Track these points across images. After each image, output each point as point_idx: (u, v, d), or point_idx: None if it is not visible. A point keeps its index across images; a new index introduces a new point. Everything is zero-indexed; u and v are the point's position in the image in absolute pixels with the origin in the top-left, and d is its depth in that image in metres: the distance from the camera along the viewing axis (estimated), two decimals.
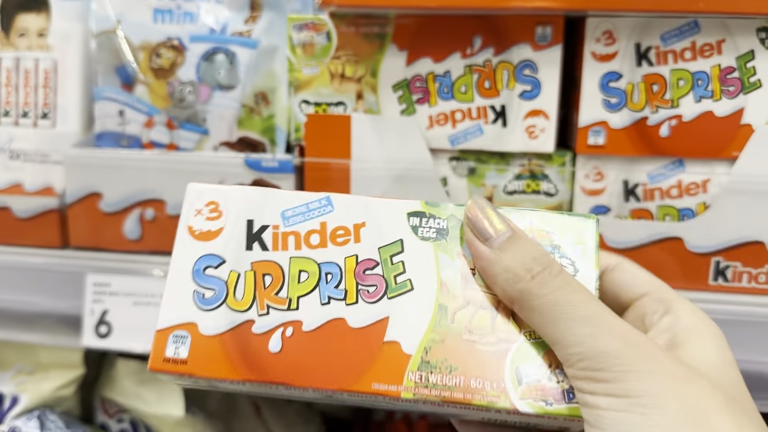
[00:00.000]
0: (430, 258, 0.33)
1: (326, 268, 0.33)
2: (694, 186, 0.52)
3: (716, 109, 0.50)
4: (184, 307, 0.34)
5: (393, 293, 0.33)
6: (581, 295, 0.29)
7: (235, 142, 0.58)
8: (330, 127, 0.55)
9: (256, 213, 0.34)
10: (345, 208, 0.34)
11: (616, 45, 0.50)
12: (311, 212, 0.34)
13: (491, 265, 0.31)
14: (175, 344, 0.33)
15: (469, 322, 0.32)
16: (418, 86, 0.54)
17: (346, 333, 0.33)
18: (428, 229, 0.34)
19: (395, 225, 0.34)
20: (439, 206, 0.34)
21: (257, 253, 0.34)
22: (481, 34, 0.52)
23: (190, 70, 0.58)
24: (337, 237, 0.34)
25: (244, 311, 0.33)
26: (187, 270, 0.34)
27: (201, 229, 0.35)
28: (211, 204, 0.35)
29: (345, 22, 0.54)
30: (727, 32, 0.50)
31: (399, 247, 0.34)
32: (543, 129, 0.53)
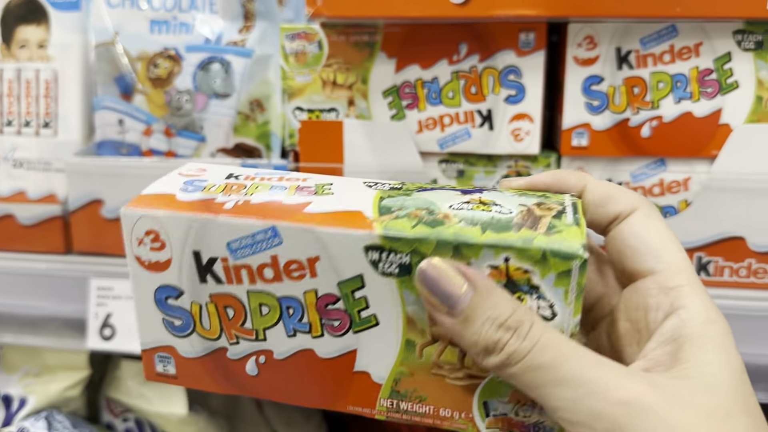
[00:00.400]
0: (394, 294, 0.30)
1: (286, 302, 0.31)
2: (675, 184, 0.54)
3: (695, 109, 0.52)
4: (159, 333, 0.33)
5: (358, 327, 0.31)
6: (554, 354, 0.27)
7: (231, 148, 0.60)
8: (323, 132, 0.57)
9: (201, 244, 0.31)
10: (294, 239, 0.30)
11: (597, 49, 0.52)
12: (258, 244, 0.30)
13: (458, 338, 0.28)
14: (162, 363, 0.34)
15: (438, 357, 0.31)
16: (407, 92, 0.56)
17: (316, 362, 0.32)
18: (389, 264, 0.29)
19: (352, 259, 0.30)
20: (401, 240, 0.29)
21: (213, 286, 0.32)
22: (467, 41, 0.54)
23: (187, 79, 0.60)
24: (292, 271, 0.31)
25: (215, 339, 0.33)
26: (150, 299, 0.32)
27: (150, 259, 0.32)
28: (150, 233, 0.31)
29: (336, 31, 0.55)
30: (704, 35, 0.51)
31: (359, 282, 0.30)
32: (528, 132, 0.54)
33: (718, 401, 0.26)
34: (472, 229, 0.29)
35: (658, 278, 0.30)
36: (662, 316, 0.29)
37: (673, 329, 0.28)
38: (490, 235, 0.28)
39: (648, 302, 0.30)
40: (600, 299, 0.34)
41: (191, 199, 0.31)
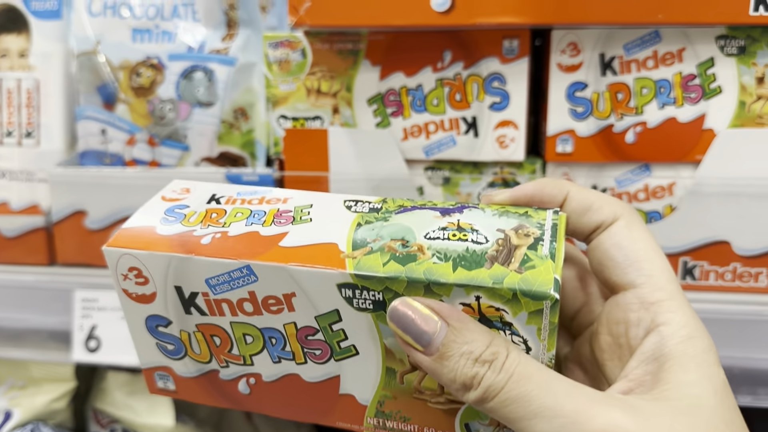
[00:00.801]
0: (371, 327, 0.31)
1: (268, 333, 0.32)
2: (660, 189, 0.54)
3: (679, 115, 0.52)
4: (155, 355, 0.34)
5: (339, 356, 0.32)
6: (527, 387, 0.27)
7: (216, 157, 0.59)
8: (308, 140, 0.56)
9: (181, 280, 0.32)
10: (268, 277, 0.30)
11: (581, 56, 0.52)
12: (235, 281, 0.31)
13: (435, 375, 0.28)
14: (162, 380, 0.35)
15: (418, 383, 0.32)
16: (392, 100, 0.55)
17: (303, 385, 0.33)
18: (363, 300, 0.30)
19: (327, 296, 0.30)
20: (372, 279, 0.29)
21: (197, 317, 0.33)
22: (451, 48, 0.53)
23: (170, 88, 0.59)
24: (270, 306, 0.31)
25: (206, 363, 0.34)
26: (142, 326, 0.34)
27: (136, 292, 0.33)
28: (133, 269, 0.32)
29: (319, 39, 0.55)
30: (687, 41, 0.51)
31: (336, 316, 0.31)
32: (513, 139, 0.54)
33: (698, 424, 0.26)
34: (444, 265, 0.29)
35: (638, 292, 0.29)
36: (643, 332, 0.29)
37: (654, 347, 0.28)
38: (462, 273, 0.28)
39: (629, 317, 0.29)
40: (582, 308, 0.34)
41: (170, 233, 0.32)
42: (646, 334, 0.29)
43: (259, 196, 0.34)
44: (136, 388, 0.66)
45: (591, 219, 0.31)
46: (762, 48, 0.51)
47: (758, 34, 0.51)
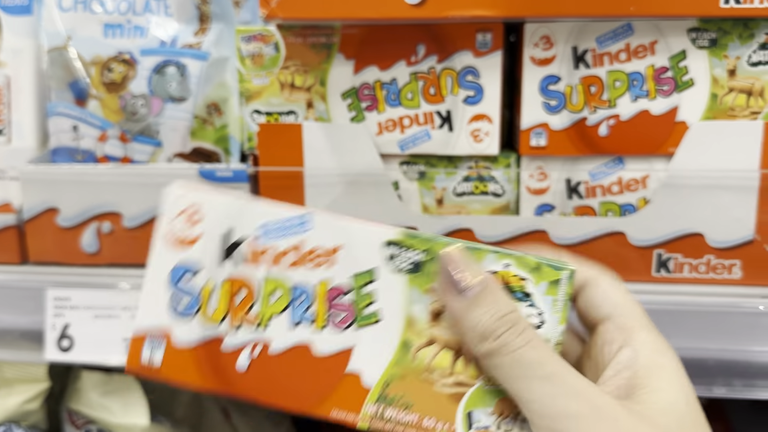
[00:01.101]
0: (402, 291, 0.33)
1: (298, 290, 0.33)
2: (634, 182, 0.54)
3: (652, 107, 0.52)
4: (160, 314, 0.34)
5: (361, 323, 0.33)
6: (542, 354, 0.30)
7: (189, 152, 0.59)
8: (282, 135, 0.56)
9: (235, 223, 0.34)
10: (324, 228, 0.33)
11: (553, 49, 0.52)
12: (290, 228, 0.33)
13: (459, 320, 0.32)
14: (150, 349, 0.34)
15: (430, 361, 0.33)
16: (366, 94, 0.55)
17: (310, 360, 0.33)
18: (403, 260, 0.33)
19: (371, 252, 0.33)
20: (418, 237, 0.33)
21: (233, 267, 0.34)
22: (425, 42, 0.53)
23: (142, 83, 0.59)
24: (312, 258, 0.33)
25: (216, 325, 0.34)
26: (164, 277, 0.34)
27: (179, 234, 0.34)
28: (189, 209, 0.34)
29: (292, 33, 0.55)
30: (659, 33, 0.51)
31: (371, 276, 0.33)
32: (487, 132, 0.54)
33: (673, 422, 0.29)
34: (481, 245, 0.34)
35: (615, 320, 0.34)
36: (617, 348, 0.33)
37: (628, 359, 0.32)
38: (494, 247, 0.33)
39: (605, 338, 0.34)
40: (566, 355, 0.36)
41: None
42: (619, 348, 0.32)
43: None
44: (111, 388, 0.65)
45: (578, 277, 0.36)
46: (733, 40, 0.51)
47: (729, 26, 0.51)
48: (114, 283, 0.58)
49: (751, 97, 0.52)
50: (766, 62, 0.51)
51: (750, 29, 0.51)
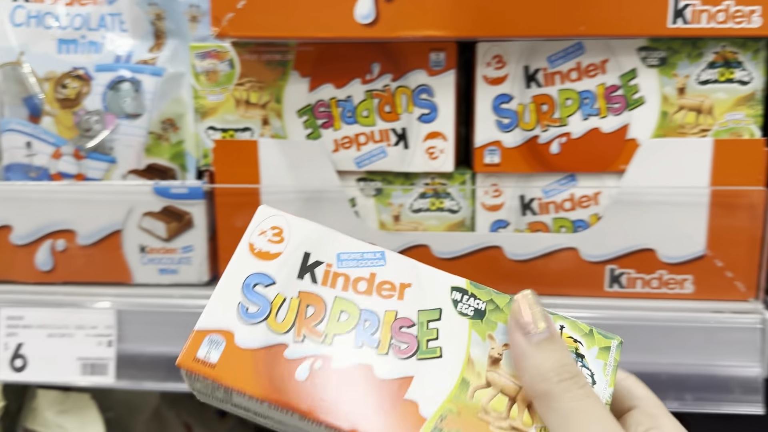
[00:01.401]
0: (464, 333, 0.35)
1: (366, 314, 0.35)
2: (586, 199, 0.55)
3: (603, 125, 0.53)
4: (226, 316, 0.35)
5: (422, 356, 0.34)
6: (598, 410, 0.32)
7: (143, 169, 0.58)
8: (238, 152, 0.56)
9: (315, 248, 0.36)
10: (396, 265, 0.36)
11: (506, 68, 0.53)
12: (364, 261, 0.36)
13: (525, 358, 0.33)
14: (209, 347, 0.34)
15: (487, 402, 0.33)
16: (322, 111, 0.55)
17: (370, 381, 0.34)
18: (467, 306, 0.35)
19: (438, 294, 0.35)
20: (482, 289, 0.36)
21: (306, 284, 0.36)
22: (379, 60, 0.53)
23: (96, 99, 0.58)
24: (383, 290, 0.35)
25: (282, 334, 0.35)
26: (239, 282, 0.36)
27: (261, 248, 0.36)
28: (276, 228, 0.37)
29: (247, 50, 0.55)
30: (610, 52, 0.52)
31: (437, 314, 0.35)
32: (442, 150, 0.55)
33: None
34: None
35: (642, 408, 0.36)
36: (643, 430, 0.34)
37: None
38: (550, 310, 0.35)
39: (631, 421, 0.35)
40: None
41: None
42: (646, 430, 0.34)
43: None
44: (67, 407, 0.64)
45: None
46: (682, 59, 0.52)
47: (678, 45, 0.52)
48: (68, 301, 0.57)
49: (701, 115, 0.53)
50: (715, 81, 0.52)
51: (698, 48, 0.52)
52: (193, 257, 0.58)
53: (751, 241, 0.53)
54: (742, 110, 0.53)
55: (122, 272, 0.59)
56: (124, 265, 0.59)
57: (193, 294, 0.57)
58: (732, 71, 0.52)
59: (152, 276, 0.59)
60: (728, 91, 0.53)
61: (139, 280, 0.59)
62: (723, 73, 0.52)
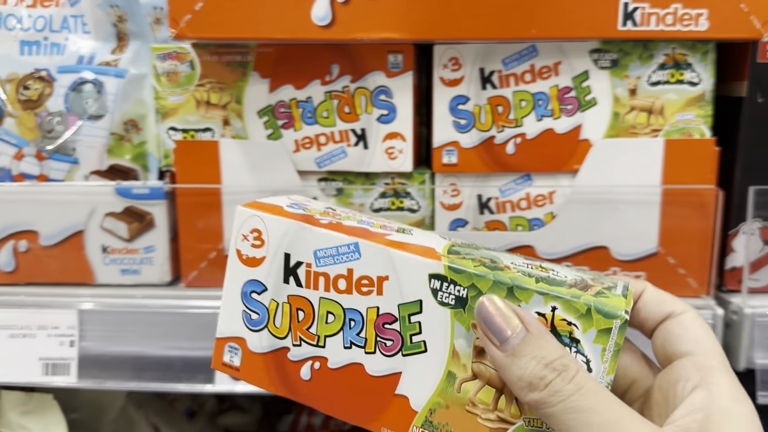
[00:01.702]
0: (446, 324, 0.33)
1: (350, 314, 0.35)
2: (541, 198, 0.56)
3: (556, 126, 0.54)
4: (236, 323, 0.37)
5: (407, 351, 0.34)
6: (596, 400, 0.29)
7: (105, 170, 0.59)
8: (199, 152, 0.56)
9: (293, 247, 0.36)
10: (370, 256, 0.34)
11: (462, 70, 0.54)
12: (340, 256, 0.35)
13: (505, 370, 0.30)
14: (230, 353, 0.38)
15: (474, 395, 0.33)
16: (282, 112, 0.56)
17: (363, 378, 0.35)
18: (447, 294, 0.33)
19: (416, 284, 0.34)
20: (462, 273, 0.33)
21: (293, 288, 0.36)
22: (338, 62, 0.54)
23: (59, 100, 0.58)
24: (362, 286, 0.35)
25: (282, 338, 0.36)
26: (237, 290, 0.37)
27: (247, 254, 0.37)
28: (255, 231, 0.36)
29: (207, 51, 0.55)
30: (563, 55, 0.53)
31: (418, 307, 0.34)
32: (401, 150, 0.56)
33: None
34: (527, 278, 0.32)
35: (693, 358, 0.32)
36: (691, 387, 0.31)
37: (703, 400, 0.30)
38: (543, 285, 0.32)
39: (680, 374, 0.31)
40: (635, 382, 0.36)
41: (294, 211, 0.37)
42: (694, 388, 0.30)
43: (367, 216, 0.40)
44: (30, 408, 0.64)
45: (664, 309, 0.35)
46: (633, 61, 0.54)
47: (629, 47, 0.53)
48: (31, 302, 0.58)
49: (652, 116, 0.54)
50: (666, 82, 0.54)
51: (649, 50, 0.53)
52: (155, 257, 0.58)
53: (703, 238, 0.55)
54: (693, 111, 0.54)
55: (84, 273, 0.59)
56: (87, 266, 0.59)
57: (155, 294, 0.57)
58: (682, 72, 0.54)
59: (114, 276, 0.59)
60: (678, 92, 0.54)
61: (101, 281, 0.59)
62: (673, 75, 0.54)
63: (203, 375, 0.55)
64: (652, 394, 0.34)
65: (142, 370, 0.57)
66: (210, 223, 0.57)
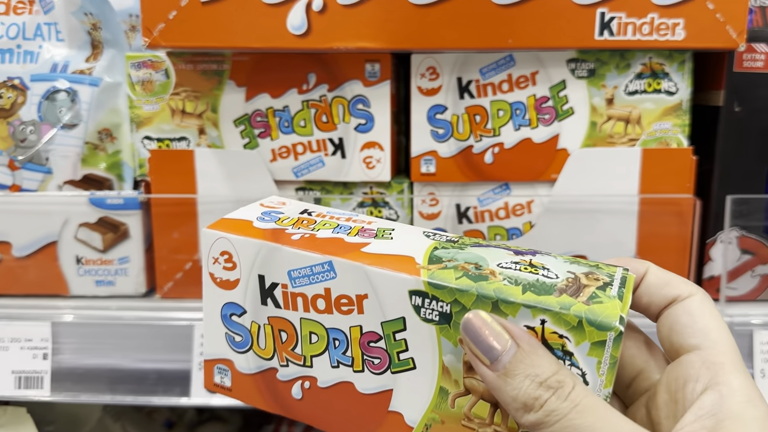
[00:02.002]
0: (433, 340, 0.31)
1: (333, 333, 0.33)
2: (519, 207, 0.56)
3: (534, 135, 0.54)
4: (220, 346, 0.36)
5: (396, 369, 0.33)
6: (592, 417, 0.27)
7: (79, 180, 0.58)
8: (174, 162, 0.56)
9: (266, 269, 0.34)
10: (346, 275, 0.32)
11: (439, 80, 0.53)
12: (315, 276, 0.33)
13: (497, 391, 0.29)
14: (220, 375, 0.37)
15: (469, 409, 0.32)
16: (259, 121, 0.55)
17: (355, 396, 0.34)
18: (431, 311, 0.31)
19: (397, 301, 0.32)
20: (444, 288, 0.30)
21: (271, 309, 0.34)
22: (315, 71, 0.54)
23: (32, 109, 0.57)
24: (342, 305, 0.33)
25: (269, 359, 0.35)
26: (216, 313, 0.36)
27: (221, 277, 0.35)
28: (225, 254, 0.35)
29: (182, 59, 0.55)
30: (540, 64, 0.53)
31: (401, 324, 0.32)
32: (379, 159, 0.55)
33: None
34: (514, 287, 0.30)
35: (702, 353, 0.30)
36: (701, 388, 0.29)
37: (712, 404, 0.28)
38: (530, 296, 0.29)
39: (689, 373, 0.30)
40: (641, 373, 0.35)
41: (265, 227, 0.35)
42: (703, 390, 0.29)
43: (346, 216, 0.37)
44: (3, 421, 0.63)
45: (669, 292, 0.32)
46: (610, 70, 0.54)
47: (606, 57, 0.53)
48: (3, 314, 0.57)
49: (629, 125, 0.54)
50: (643, 91, 0.54)
51: (626, 60, 0.53)
52: (130, 268, 0.57)
53: (681, 247, 0.55)
54: (670, 120, 0.54)
55: (58, 284, 0.58)
56: (60, 277, 0.58)
57: (130, 306, 0.57)
58: (659, 82, 0.54)
59: (89, 288, 0.58)
60: (656, 101, 0.54)
61: (75, 292, 0.58)
62: (650, 84, 0.54)
63: (179, 387, 0.55)
64: (659, 393, 0.32)
65: (116, 383, 0.56)
66: (185, 233, 0.56)
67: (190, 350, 0.54)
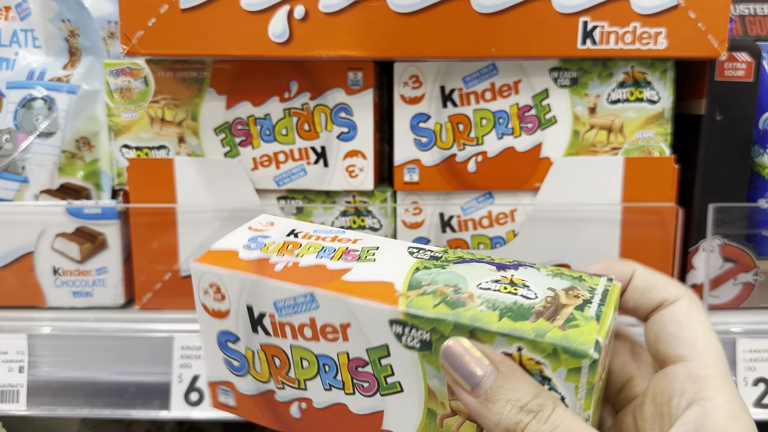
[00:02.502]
0: (416, 366, 0.32)
1: (323, 359, 0.34)
2: (503, 216, 0.55)
3: (517, 144, 0.54)
4: (220, 369, 0.37)
5: (385, 391, 0.33)
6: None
7: (56, 189, 0.57)
8: (153, 171, 0.55)
9: (253, 300, 0.35)
10: (328, 305, 0.33)
11: (422, 88, 0.53)
12: (299, 306, 0.34)
13: (480, 417, 0.29)
14: (224, 395, 0.38)
15: (457, 429, 0.32)
16: (239, 129, 0.55)
17: (349, 416, 0.34)
18: (412, 338, 0.32)
19: (379, 330, 0.32)
20: (422, 318, 0.31)
21: (262, 337, 0.35)
22: (297, 79, 0.53)
23: (8, 117, 0.56)
24: (327, 333, 0.34)
25: (265, 382, 0.36)
26: (213, 340, 0.36)
27: (213, 307, 0.36)
28: (213, 286, 0.35)
29: (162, 67, 0.54)
30: (523, 73, 0.53)
31: (385, 351, 0.32)
32: (362, 168, 0.55)
33: None
34: (491, 314, 0.30)
35: (687, 365, 0.30)
36: (686, 403, 0.29)
37: (696, 419, 0.28)
38: (506, 323, 0.29)
39: (674, 387, 0.30)
40: (629, 382, 0.35)
41: (250, 258, 0.35)
42: (688, 405, 0.29)
43: (332, 234, 0.37)
44: None
45: (655, 296, 0.32)
46: (593, 79, 0.54)
47: (589, 66, 0.53)
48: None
49: (612, 134, 0.55)
50: (625, 100, 0.54)
51: (609, 68, 0.53)
52: (108, 279, 0.56)
53: (663, 255, 0.55)
54: (652, 128, 0.54)
55: (35, 295, 0.57)
56: (37, 288, 0.57)
57: (108, 317, 0.56)
58: (641, 90, 0.54)
59: (66, 299, 0.57)
60: (638, 110, 0.54)
61: (52, 304, 0.57)
62: (633, 93, 0.54)
63: (158, 400, 0.54)
64: (646, 404, 0.32)
65: (94, 396, 0.55)
66: (165, 243, 0.55)
67: (170, 362, 0.53)
